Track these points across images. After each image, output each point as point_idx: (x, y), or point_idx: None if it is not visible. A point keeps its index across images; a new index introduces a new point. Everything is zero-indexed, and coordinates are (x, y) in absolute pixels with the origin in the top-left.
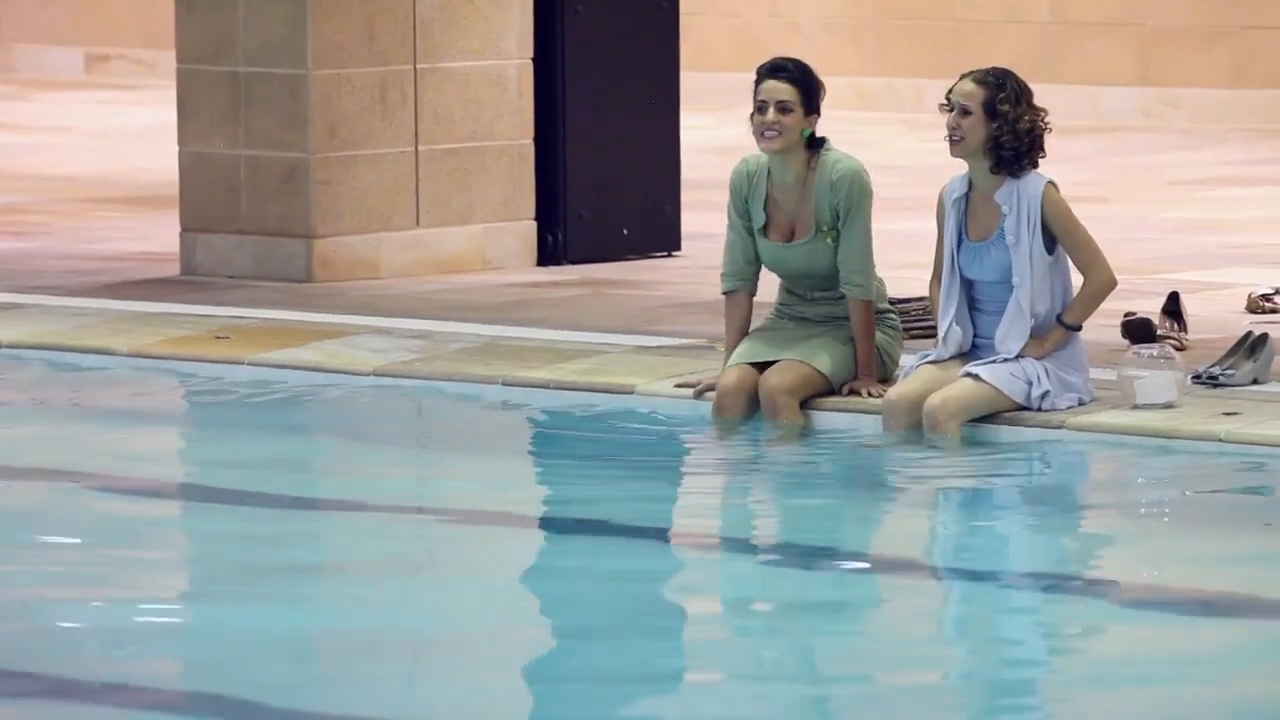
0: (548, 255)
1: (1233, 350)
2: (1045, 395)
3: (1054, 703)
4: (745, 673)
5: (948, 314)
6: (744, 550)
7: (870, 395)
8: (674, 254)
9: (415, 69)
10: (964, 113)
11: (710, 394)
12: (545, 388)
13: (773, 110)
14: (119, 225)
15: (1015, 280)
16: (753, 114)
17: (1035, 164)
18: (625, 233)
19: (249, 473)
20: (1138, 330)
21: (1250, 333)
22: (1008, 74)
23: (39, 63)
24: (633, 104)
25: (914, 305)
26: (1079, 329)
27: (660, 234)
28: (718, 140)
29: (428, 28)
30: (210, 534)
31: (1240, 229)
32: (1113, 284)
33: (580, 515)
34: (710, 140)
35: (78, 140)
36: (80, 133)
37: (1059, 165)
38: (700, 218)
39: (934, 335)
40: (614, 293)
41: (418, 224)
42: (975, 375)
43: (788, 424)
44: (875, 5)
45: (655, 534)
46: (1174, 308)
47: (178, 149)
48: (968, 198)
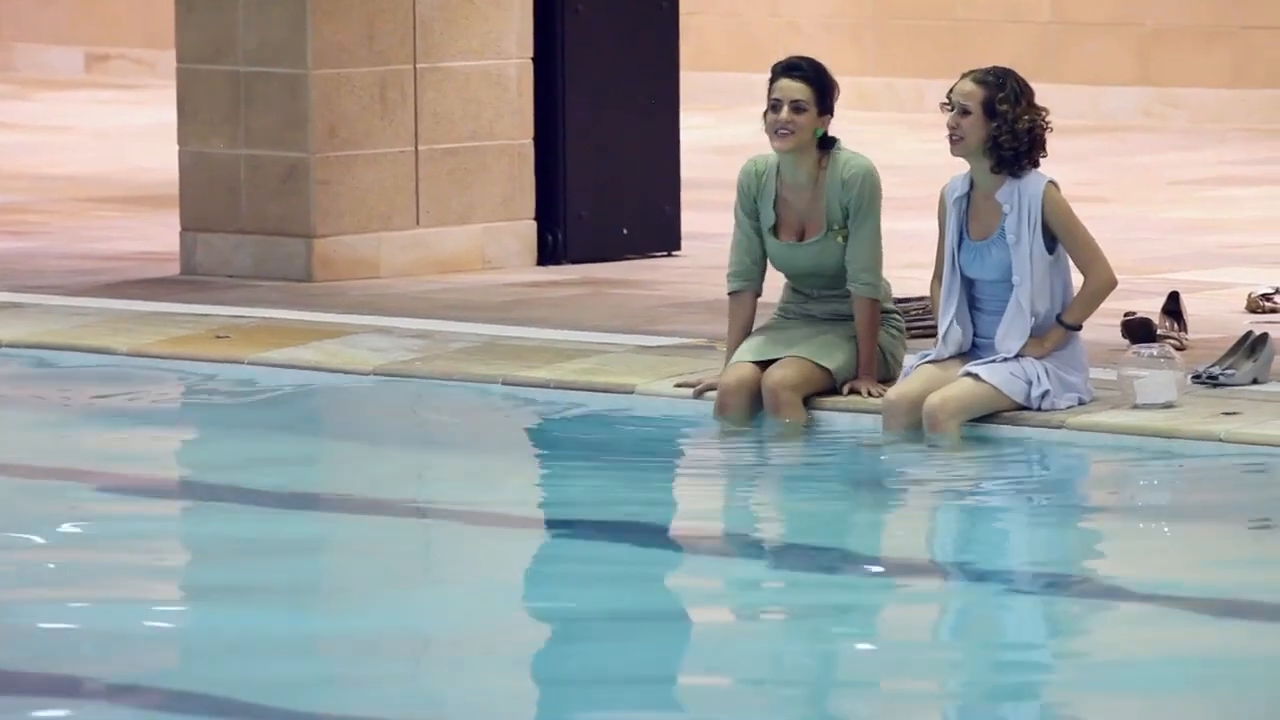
0: (548, 255)
1: (1233, 350)
2: (1045, 395)
3: (1053, 702)
4: (745, 673)
5: (948, 313)
6: (743, 551)
7: (870, 395)
8: (674, 254)
9: (415, 69)
10: (963, 112)
11: (710, 394)
12: (545, 387)
13: (786, 109)
14: (119, 225)
15: (1016, 279)
16: (766, 112)
17: (1036, 163)
18: (625, 232)
19: (248, 472)
20: (1138, 330)
21: (1250, 332)
22: (1008, 74)
23: (39, 62)
24: (633, 104)
25: (914, 305)
26: (1079, 329)
27: (660, 234)
28: (718, 140)
29: (428, 27)
30: (209, 533)
31: (1240, 229)
32: (1113, 284)
33: (580, 515)
34: (710, 140)
35: (78, 140)
36: (80, 132)
37: (1059, 165)
38: (700, 217)
39: (934, 335)
40: (614, 292)
41: (418, 223)
42: (975, 375)
43: (790, 420)
44: (875, 5)
45: (655, 534)
46: (1174, 307)
47: (178, 148)
48: (969, 197)
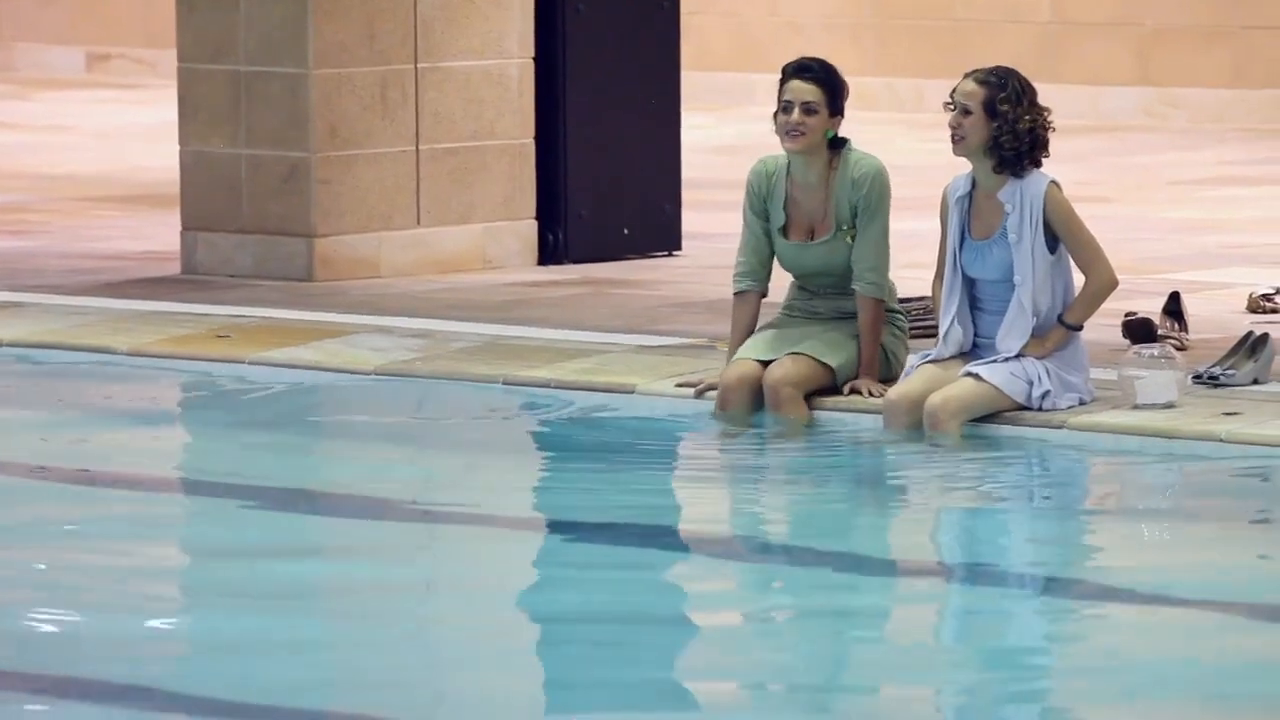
0: (548, 254)
1: (1233, 350)
2: (1046, 395)
3: (1054, 702)
4: (746, 673)
5: (949, 312)
6: (744, 551)
7: (871, 394)
8: (674, 253)
9: (416, 68)
10: (965, 112)
11: (711, 394)
12: (546, 387)
13: (798, 111)
14: (119, 224)
15: (1017, 279)
16: (776, 113)
17: (1038, 164)
18: (626, 232)
19: (248, 471)
20: (1138, 330)
21: (1251, 333)
22: (1010, 74)
23: (40, 62)
24: (633, 103)
25: (915, 305)
26: (1080, 329)
27: (661, 233)
28: (718, 140)
29: (429, 27)
30: (208, 533)
31: (1240, 229)
32: (1114, 284)
33: (580, 515)
34: (711, 140)
35: (78, 139)
36: (81, 132)
37: (1059, 165)
38: (701, 217)
39: (935, 335)
40: (614, 292)
41: (418, 223)
42: (976, 375)
43: (791, 418)
44: (875, 5)
45: (656, 534)
46: (1175, 307)
47: (178, 148)
48: (971, 196)
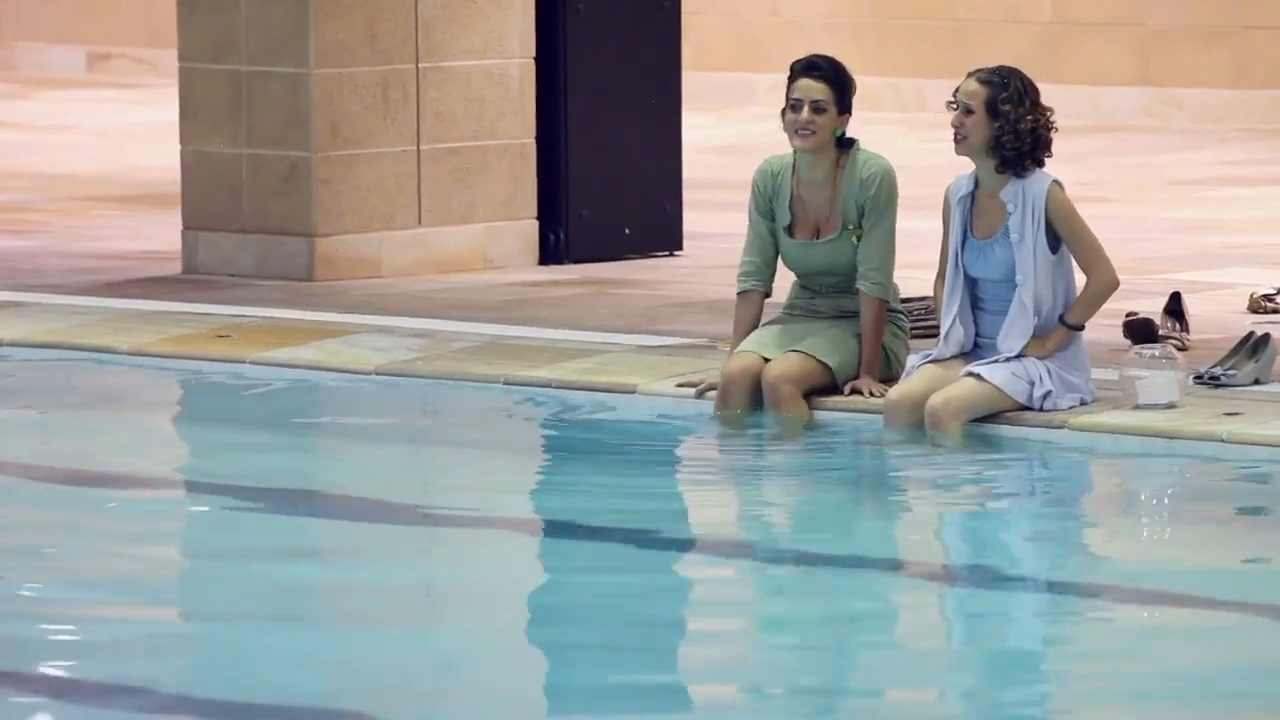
0: (549, 254)
1: (1234, 350)
2: (1047, 395)
3: (1055, 702)
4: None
5: (950, 312)
6: (745, 552)
7: (872, 395)
8: (675, 253)
9: (417, 68)
10: (967, 111)
11: (712, 394)
12: (547, 387)
13: (807, 109)
14: (120, 224)
15: (1019, 278)
16: (784, 110)
17: (1040, 163)
18: (627, 232)
19: (249, 471)
20: (1139, 330)
21: (1252, 333)
22: (1013, 73)
23: (40, 61)
24: (634, 103)
25: (916, 305)
26: (1081, 329)
27: (662, 233)
28: (719, 139)
29: (430, 27)
30: (209, 532)
31: (1241, 229)
32: (1115, 284)
33: (581, 516)
34: (711, 139)
35: (79, 139)
36: (82, 131)
37: (1059, 165)
38: (702, 217)
39: (936, 335)
40: (615, 292)
41: (419, 223)
42: (977, 375)
43: (791, 415)
44: (876, 5)
45: (656, 535)
46: (1176, 307)
47: (179, 147)
48: (973, 195)
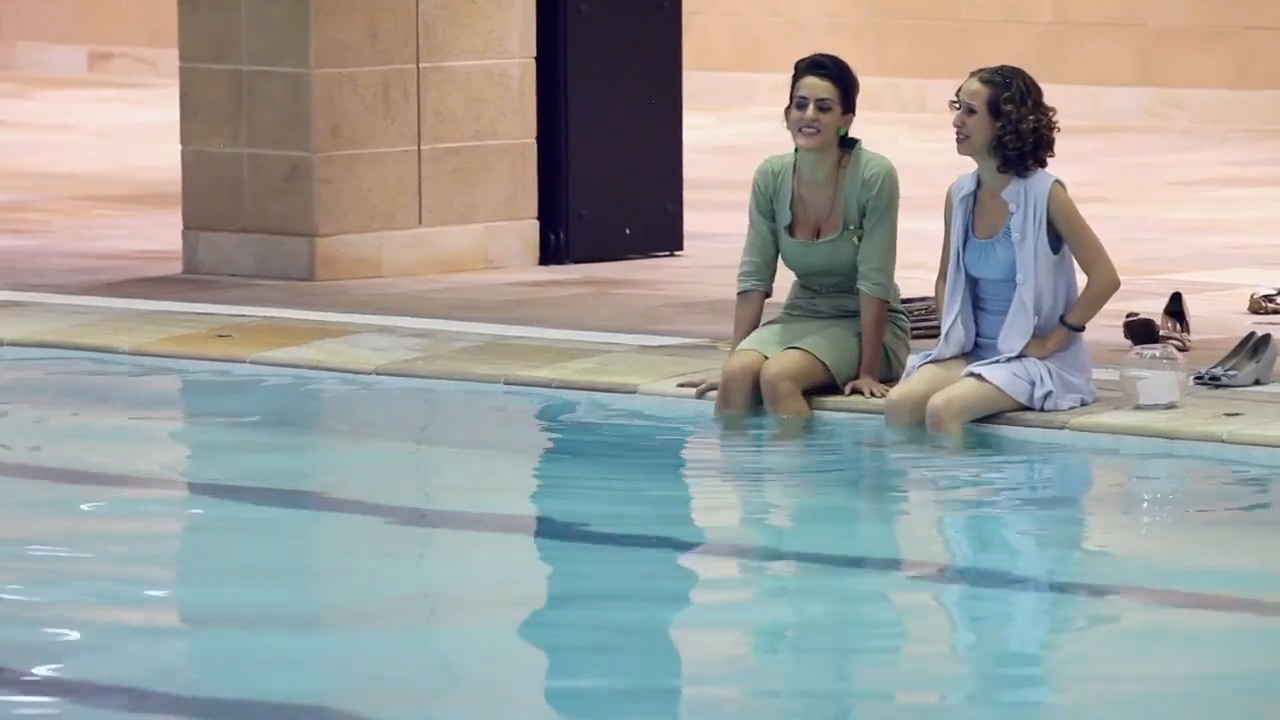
0: (550, 254)
1: (1235, 351)
2: (1048, 396)
3: (1055, 702)
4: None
5: (952, 311)
6: (746, 552)
7: (873, 395)
8: (676, 253)
9: (418, 68)
10: (969, 111)
11: (713, 394)
12: (548, 387)
13: (812, 108)
14: (121, 223)
15: (1019, 277)
16: (789, 109)
17: (1042, 163)
18: (627, 232)
19: (250, 471)
20: (1140, 331)
21: (1253, 333)
22: (1016, 73)
23: (41, 60)
24: (635, 103)
25: (916, 305)
26: (1082, 329)
27: (662, 233)
28: (720, 139)
29: (430, 27)
30: (209, 533)
31: (1242, 229)
32: (1116, 285)
33: (581, 516)
34: (712, 139)
35: (80, 138)
36: (82, 131)
37: (1060, 165)
38: (702, 217)
39: (937, 335)
40: (616, 292)
41: (420, 223)
42: (978, 375)
43: (790, 414)
44: (877, 5)
45: (657, 535)
46: (1176, 308)
47: (180, 147)
48: (975, 195)
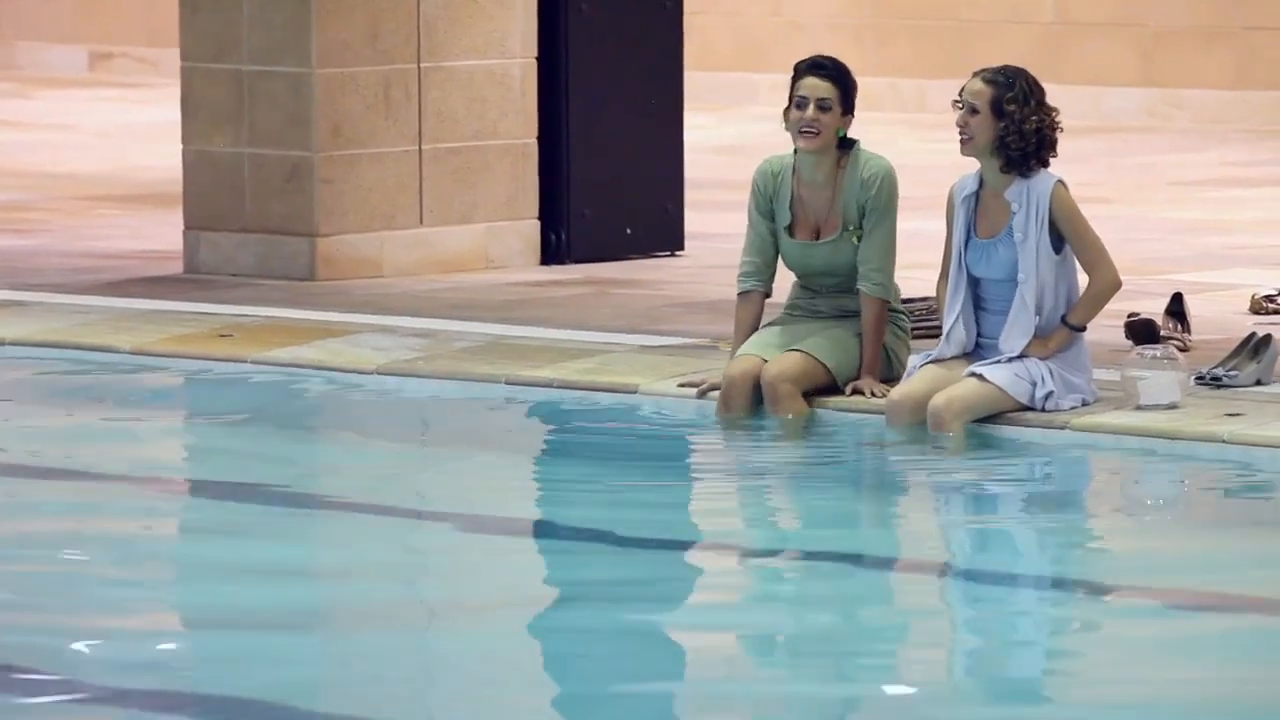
0: (551, 254)
1: (1236, 351)
2: (1049, 396)
3: (1054, 702)
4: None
5: (953, 311)
6: (747, 553)
7: (874, 395)
8: (677, 253)
9: (419, 68)
10: (972, 111)
11: (714, 394)
12: (548, 387)
13: (812, 108)
14: (121, 223)
15: (1021, 276)
16: (788, 109)
17: (1045, 164)
18: (628, 232)
19: (251, 471)
20: (1141, 331)
21: (1254, 334)
22: (1019, 73)
23: (42, 60)
24: (636, 103)
25: (917, 305)
26: (1083, 330)
27: (663, 233)
28: (721, 140)
29: (432, 26)
30: (209, 533)
31: (1243, 230)
32: (1117, 285)
33: (582, 516)
34: (713, 140)
35: (80, 138)
36: (83, 131)
37: (1062, 165)
38: (703, 217)
39: (938, 335)
40: (617, 292)
41: (421, 223)
42: (980, 375)
43: (790, 415)
44: (878, 5)
45: (658, 536)
46: (1177, 308)
47: (181, 147)
48: (978, 195)
